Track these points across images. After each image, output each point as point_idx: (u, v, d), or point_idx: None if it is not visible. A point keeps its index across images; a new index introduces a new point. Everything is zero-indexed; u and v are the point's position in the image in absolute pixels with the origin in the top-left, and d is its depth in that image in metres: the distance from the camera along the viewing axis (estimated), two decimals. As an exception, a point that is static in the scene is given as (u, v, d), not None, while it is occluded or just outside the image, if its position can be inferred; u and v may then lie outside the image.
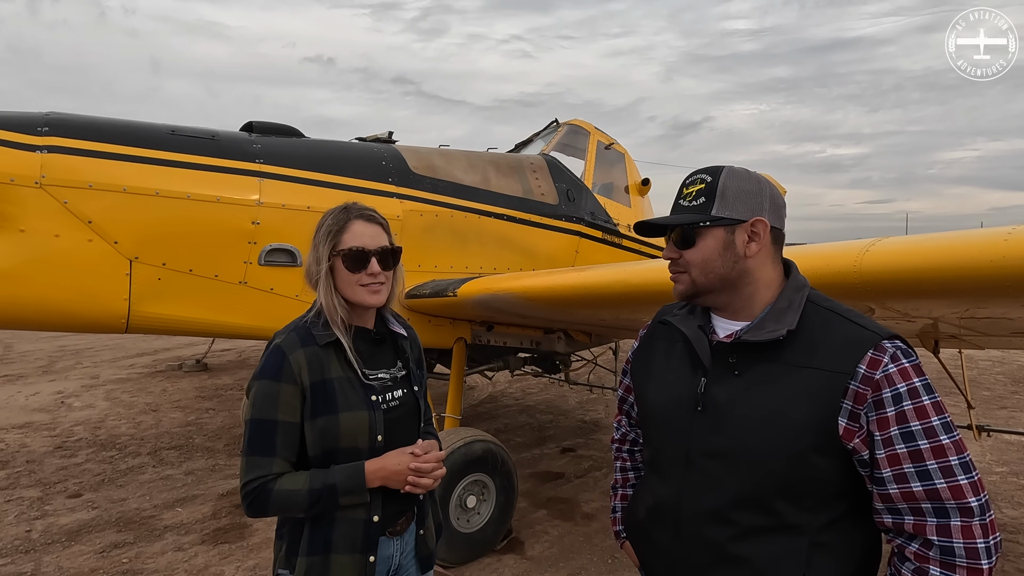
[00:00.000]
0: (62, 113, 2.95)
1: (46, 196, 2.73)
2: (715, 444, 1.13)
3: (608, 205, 5.01)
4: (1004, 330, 2.33)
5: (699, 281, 1.17)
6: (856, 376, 1.04)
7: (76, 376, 8.01)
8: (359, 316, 1.49)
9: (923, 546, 1.00)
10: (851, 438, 1.04)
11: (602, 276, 2.84)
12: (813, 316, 1.12)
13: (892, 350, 1.05)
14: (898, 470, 1.01)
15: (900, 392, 1.02)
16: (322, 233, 1.45)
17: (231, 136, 3.39)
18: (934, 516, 0.99)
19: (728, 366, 1.15)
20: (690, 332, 1.21)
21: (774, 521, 1.08)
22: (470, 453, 3.28)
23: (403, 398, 1.51)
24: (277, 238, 3.27)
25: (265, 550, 3.42)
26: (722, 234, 1.14)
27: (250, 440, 1.36)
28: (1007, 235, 1.58)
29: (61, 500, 4.07)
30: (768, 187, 1.17)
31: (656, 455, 1.27)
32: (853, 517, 1.10)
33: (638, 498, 1.34)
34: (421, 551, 1.55)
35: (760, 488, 1.08)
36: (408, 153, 3.98)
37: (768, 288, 1.17)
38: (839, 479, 1.08)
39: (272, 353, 1.39)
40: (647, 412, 1.30)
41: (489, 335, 4.17)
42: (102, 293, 2.85)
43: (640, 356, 1.37)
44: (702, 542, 1.13)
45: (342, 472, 1.33)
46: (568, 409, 6.85)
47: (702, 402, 1.16)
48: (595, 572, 3.26)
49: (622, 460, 1.52)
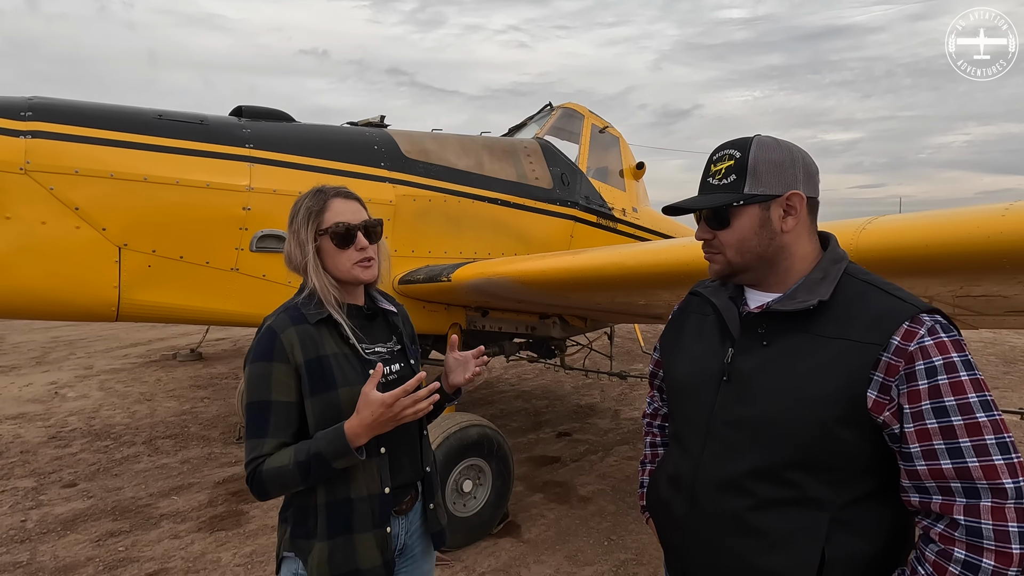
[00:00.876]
0: (46, 97, 2.89)
1: (31, 182, 2.68)
2: (737, 413, 1.11)
3: (603, 189, 4.98)
4: (999, 309, 2.33)
5: (735, 261, 1.14)
6: (889, 347, 0.99)
7: (70, 367, 7.97)
8: (349, 294, 1.48)
9: (949, 527, 0.95)
10: (881, 411, 0.99)
11: (597, 259, 2.82)
12: (848, 288, 1.07)
13: (930, 323, 0.99)
14: (927, 446, 0.96)
15: (935, 365, 0.96)
16: (300, 217, 1.43)
17: (220, 121, 3.34)
18: (963, 496, 0.94)
19: (757, 337, 1.12)
20: (721, 303, 1.19)
21: (793, 493, 1.05)
22: (466, 438, 3.28)
23: (401, 371, 1.50)
24: (269, 224, 3.23)
25: (262, 536, 3.42)
26: (757, 211, 1.10)
27: (247, 424, 1.36)
28: (1004, 211, 1.58)
29: (56, 490, 4.06)
30: (800, 155, 1.12)
31: (679, 427, 1.25)
32: (883, 496, 1.05)
33: (659, 471, 1.32)
34: (432, 526, 1.54)
35: (780, 458, 1.05)
36: (400, 137, 3.94)
37: (804, 260, 1.13)
38: (867, 455, 1.03)
39: (263, 335, 1.38)
40: (674, 384, 1.28)
41: (484, 321, 4.16)
42: (91, 281, 2.82)
43: (671, 330, 1.35)
44: (717, 511, 1.11)
45: (324, 437, 1.30)
46: (564, 394, 6.86)
47: (728, 372, 1.13)
48: (591, 554, 3.27)
49: (652, 435, 1.49)
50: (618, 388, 7.09)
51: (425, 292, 3.63)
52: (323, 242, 1.43)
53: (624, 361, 8.28)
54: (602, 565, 3.17)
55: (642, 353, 8.53)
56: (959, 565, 0.93)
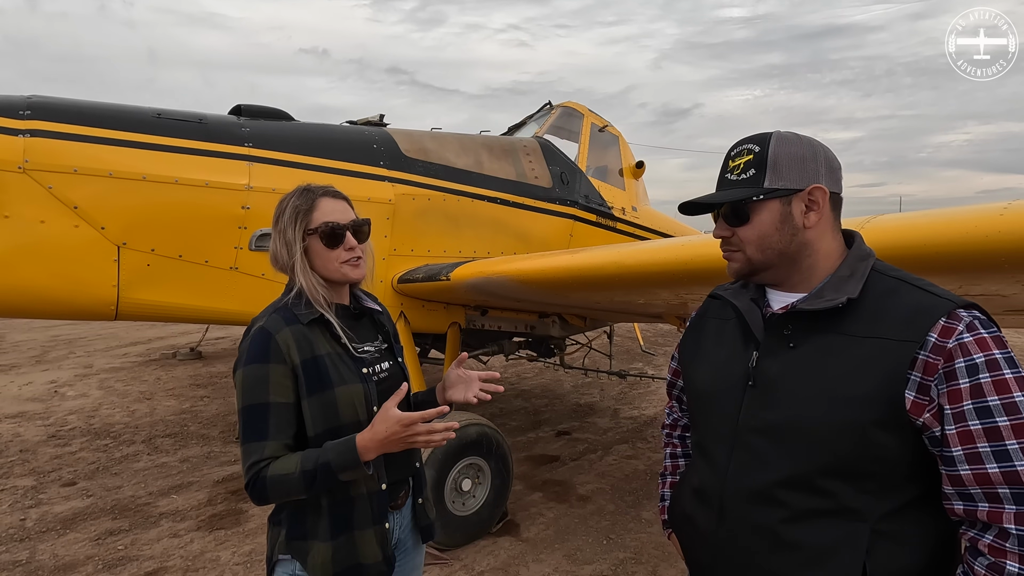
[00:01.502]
0: (45, 96, 2.89)
1: (30, 181, 2.68)
2: (764, 420, 1.05)
3: (602, 188, 4.98)
4: (997, 308, 2.33)
5: (755, 259, 1.09)
6: (926, 345, 0.93)
7: (69, 365, 7.97)
8: (336, 294, 1.48)
9: (999, 537, 0.88)
10: (920, 413, 0.93)
11: (596, 258, 2.82)
12: (878, 285, 1.02)
13: (968, 319, 0.94)
14: (971, 449, 0.89)
15: (976, 363, 0.90)
16: (287, 216, 1.43)
17: (219, 120, 3.34)
18: (1013, 503, 0.87)
19: (783, 339, 1.06)
20: (743, 305, 1.14)
21: (830, 504, 0.98)
22: (465, 436, 3.28)
23: (391, 370, 1.51)
24: (267, 223, 3.19)
25: (261, 535, 3.42)
26: (778, 207, 1.05)
27: (243, 428, 1.33)
28: (1002, 211, 1.58)
29: (55, 489, 4.06)
30: (822, 149, 1.08)
31: (703, 437, 1.19)
32: (927, 506, 0.98)
33: (683, 484, 1.27)
34: (420, 520, 1.55)
35: (812, 466, 0.99)
36: (400, 136, 3.93)
37: (828, 258, 1.08)
38: (908, 460, 0.97)
39: (256, 336, 1.36)
40: (695, 392, 1.23)
41: (483, 319, 4.16)
42: (90, 280, 2.82)
43: (689, 336, 1.29)
44: (748, 525, 1.05)
45: (334, 449, 1.29)
46: (563, 393, 6.86)
47: (753, 377, 1.07)
48: (590, 553, 3.27)
49: (672, 446, 1.43)
50: (617, 387, 7.09)
51: (424, 291, 3.62)
52: (311, 241, 1.42)
53: (623, 360, 8.29)
54: (601, 564, 3.17)
55: (642, 352, 8.53)
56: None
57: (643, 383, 7.15)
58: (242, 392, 1.33)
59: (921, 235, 1.67)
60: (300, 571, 1.36)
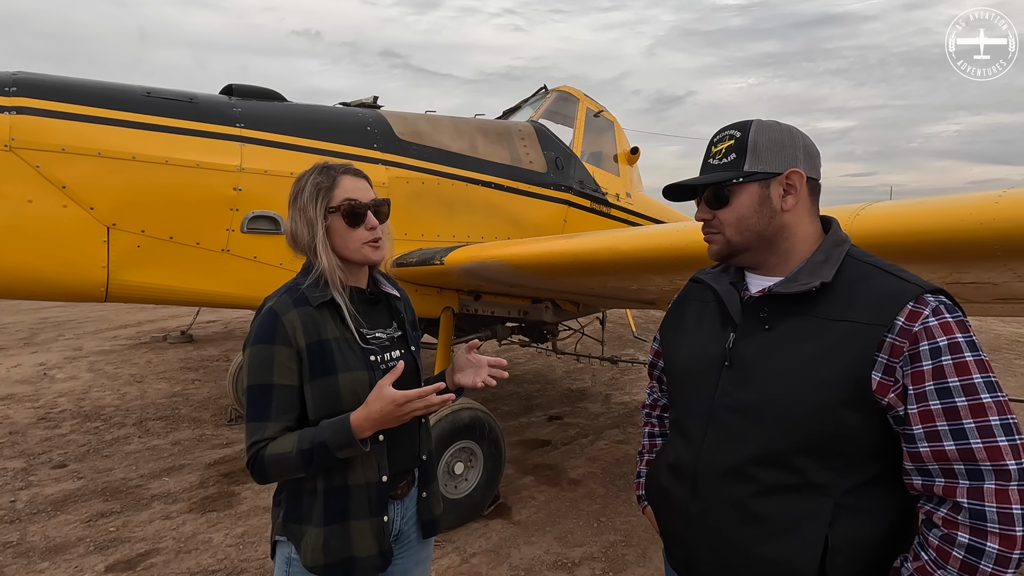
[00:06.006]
0: (31, 73, 2.83)
1: (16, 159, 2.63)
2: (739, 399, 1.09)
3: (597, 174, 4.96)
4: (987, 296, 2.35)
5: (735, 240, 1.13)
6: (893, 328, 0.97)
7: (58, 348, 7.91)
8: (353, 276, 1.44)
9: (952, 510, 0.93)
10: (885, 393, 0.97)
11: (590, 243, 2.82)
12: (851, 270, 1.06)
13: (935, 303, 0.98)
14: (930, 427, 0.94)
15: (939, 346, 0.95)
16: (307, 194, 1.37)
17: (210, 99, 3.29)
18: (966, 478, 0.92)
19: (759, 321, 1.11)
20: (722, 288, 1.18)
21: (797, 479, 1.03)
22: (458, 420, 3.29)
23: (401, 358, 1.46)
24: (260, 205, 3.20)
25: (253, 517, 3.43)
26: (756, 189, 1.09)
27: (247, 407, 1.33)
28: (997, 199, 1.58)
29: (46, 471, 4.05)
30: (800, 137, 1.13)
31: (680, 414, 1.23)
32: (888, 481, 1.03)
33: (659, 459, 1.31)
34: (423, 515, 1.52)
35: (783, 444, 1.03)
36: (394, 119, 3.89)
37: (805, 242, 1.12)
38: (873, 439, 1.01)
39: (264, 316, 1.34)
40: (674, 371, 1.27)
41: (477, 304, 4.15)
42: (79, 260, 2.78)
43: (670, 318, 1.33)
44: (720, 499, 1.10)
45: (329, 427, 1.28)
46: (555, 378, 6.90)
47: (729, 357, 1.12)
48: (581, 536, 3.31)
49: (651, 425, 1.48)
50: (609, 373, 7.12)
51: (418, 275, 3.61)
52: (332, 220, 1.38)
53: (615, 346, 8.33)
54: (591, 546, 3.20)
55: (633, 338, 8.57)
56: (963, 549, 0.91)
57: (634, 369, 7.19)
58: (248, 371, 1.33)
59: (916, 223, 1.67)
60: (294, 555, 1.36)
